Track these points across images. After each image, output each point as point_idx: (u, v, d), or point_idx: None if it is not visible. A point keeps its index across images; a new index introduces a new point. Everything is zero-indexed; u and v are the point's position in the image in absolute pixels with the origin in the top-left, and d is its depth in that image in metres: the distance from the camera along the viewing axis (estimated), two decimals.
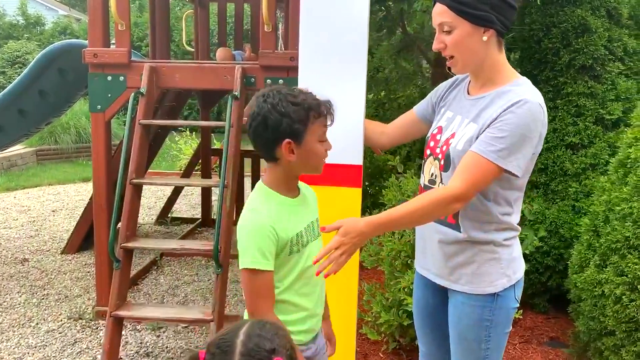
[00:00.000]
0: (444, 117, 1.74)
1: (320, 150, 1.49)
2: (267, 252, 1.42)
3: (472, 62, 1.60)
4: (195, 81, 3.23)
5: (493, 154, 1.50)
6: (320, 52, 2.05)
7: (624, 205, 2.28)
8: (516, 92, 1.54)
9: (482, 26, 1.53)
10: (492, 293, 1.64)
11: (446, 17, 1.54)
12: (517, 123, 1.49)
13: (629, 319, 2.23)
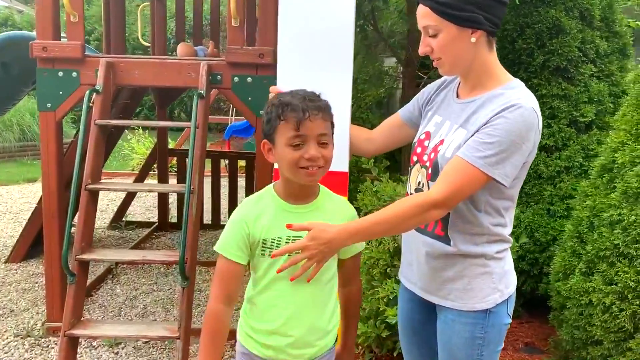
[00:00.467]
0: (432, 121, 1.62)
1: (288, 155, 1.41)
2: (235, 243, 1.46)
3: (460, 65, 1.49)
4: (156, 78, 3.00)
5: (480, 160, 1.39)
6: (300, 51, 1.86)
7: (612, 212, 2.22)
8: (508, 96, 1.42)
9: (469, 27, 1.43)
10: (483, 309, 1.53)
11: (430, 20, 1.44)
12: (507, 129, 1.38)
13: (618, 328, 2.17)
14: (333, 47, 1.85)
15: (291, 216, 1.49)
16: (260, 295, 1.50)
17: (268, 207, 1.50)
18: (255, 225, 1.47)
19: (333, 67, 1.85)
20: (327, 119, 1.46)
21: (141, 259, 2.57)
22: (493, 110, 1.41)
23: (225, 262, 1.48)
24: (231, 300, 1.51)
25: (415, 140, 1.65)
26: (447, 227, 1.51)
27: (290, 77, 1.84)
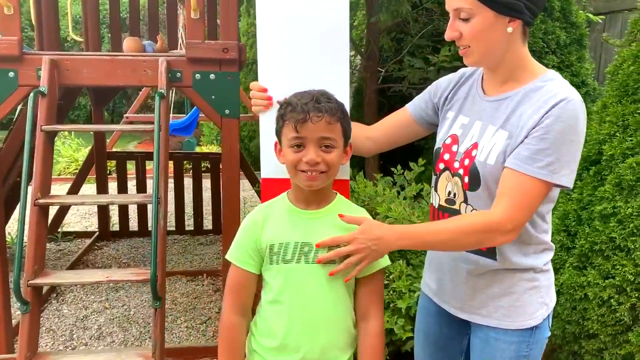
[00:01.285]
0: (457, 123, 1.47)
1: (289, 156, 1.35)
2: (245, 250, 1.42)
3: (491, 56, 1.35)
4: (108, 77, 2.70)
5: (542, 170, 1.26)
6: (284, 43, 1.60)
7: (606, 205, 2.20)
8: (550, 90, 1.29)
9: (508, 15, 1.28)
10: (531, 327, 1.42)
11: (464, 2, 1.28)
12: (561, 129, 1.25)
13: (616, 321, 2.16)
14: (325, 34, 1.59)
15: (299, 221, 1.42)
16: (269, 307, 1.43)
17: (278, 212, 1.45)
18: (263, 230, 1.42)
19: (326, 61, 1.61)
20: (334, 122, 1.35)
21: (106, 280, 2.29)
22: (539, 108, 1.28)
23: (236, 270, 1.43)
24: (246, 310, 1.45)
25: (439, 145, 1.50)
26: None
27: (274, 71, 1.61)
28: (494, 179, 1.32)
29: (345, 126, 1.40)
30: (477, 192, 1.37)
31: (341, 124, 1.38)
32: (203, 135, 10.19)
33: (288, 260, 1.39)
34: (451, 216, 1.44)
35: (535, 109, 1.29)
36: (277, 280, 1.40)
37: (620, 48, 3.93)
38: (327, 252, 1.37)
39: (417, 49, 3.87)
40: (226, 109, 2.78)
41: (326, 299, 1.39)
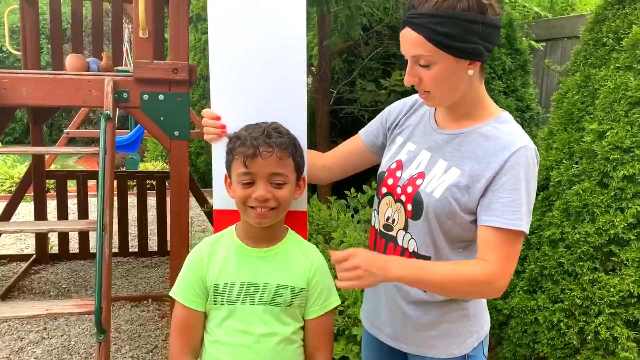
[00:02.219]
0: (405, 149, 1.45)
1: (238, 192, 1.31)
2: (191, 287, 1.37)
3: (452, 98, 1.33)
4: (49, 97, 2.57)
5: (523, 222, 1.26)
6: (239, 58, 1.51)
7: (554, 230, 2.26)
8: (507, 135, 1.29)
9: (468, 59, 1.26)
10: (462, 355, 1.42)
11: (424, 50, 1.24)
12: (525, 177, 1.26)
13: (565, 345, 2.21)
14: (281, 59, 1.52)
15: (247, 260, 1.37)
16: (212, 347, 1.37)
17: (224, 249, 1.40)
18: (208, 268, 1.37)
19: (282, 88, 1.53)
20: (285, 157, 1.32)
21: (46, 313, 2.15)
22: (497, 153, 1.27)
23: (183, 310, 1.37)
24: (195, 350, 1.40)
25: (383, 169, 1.47)
26: None
27: (227, 98, 1.55)
28: (435, 213, 1.31)
29: (297, 160, 1.37)
30: (418, 222, 1.35)
31: (293, 159, 1.35)
32: (147, 151, 9.93)
33: (233, 301, 1.34)
34: (388, 243, 1.44)
35: (492, 153, 1.28)
36: (220, 321, 1.36)
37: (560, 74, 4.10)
38: (272, 294, 1.34)
39: (368, 71, 3.90)
40: (175, 130, 2.69)
41: (272, 341, 1.35)
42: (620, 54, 2.29)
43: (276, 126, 1.37)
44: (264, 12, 1.52)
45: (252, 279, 1.35)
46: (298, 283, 1.37)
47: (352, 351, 2.36)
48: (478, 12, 1.22)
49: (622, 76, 2.21)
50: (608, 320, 2.09)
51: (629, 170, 2.09)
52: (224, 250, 1.39)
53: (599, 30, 2.47)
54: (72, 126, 6.94)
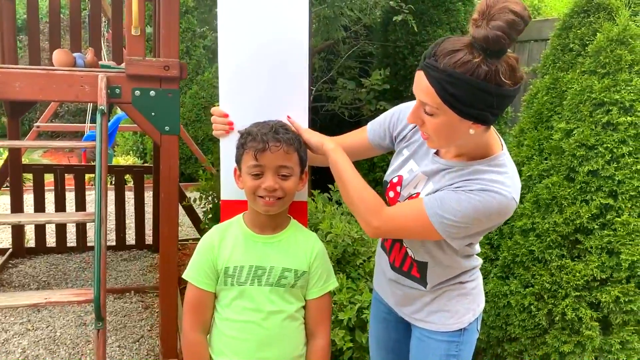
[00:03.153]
0: (407, 166, 1.55)
1: (248, 182, 1.45)
2: (203, 270, 1.49)
3: (450, 145, 1.40)
4: (42, 92, 2.61)
5: (437, 217, 1.36)
6: (246, 60, 1.65)
7: (525, 220, 2.45)
8: (491, 178, 1.32)
9: (472, 121, 1.27)
10: (459, 328, 1.59)
11: (431, 101, 1.26)
12: (483, 212, 1.30)
13: (535, 326, 2.40)
14: (285, 62, 1.66)
15: (255, 245, 1.50)
16: (223, 324, 1.50)
17: (234, 235, 1.52)
18: (220, 251, 1.49)
19: (285, 87, 1.67)
20: (291, 151, 1.46)
21: (45, 302, 2.22)
22: (474, 182, 1.33)
23: (195, 290, 1.50)
24: (205, 327, 1.53)
25: (387, 179, 1.61)
26: (426, 273, 1.55)
27: (235, 97, 1.68)
28: None
29: (301, 155, 1.50)
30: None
31: (298, 153, 1.48)
32: (117, 145, 9.86)
33: (242, 282, 1.48)
34: (394, 243, 1.59)
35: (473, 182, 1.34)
36: (230, 300, 1.49)
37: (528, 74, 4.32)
38: (277, 276, 1.48)
39: (346, 69, 4.04)
40: (166, 125, 2.77)
41: (278, 318, 1.48)
42: (586, 59, 2.49)
43: (282, 124, 1.52)
44: (269, 17, 1.65)
45: (260, 262, 1.48)
46: (301, 266, 1.51)
47: (338, 335, 2.50)
48: (495, 84, 1.20)
49: (587, 79, 2.41)
50: (574, 302, 2.30)
51: (593, 165, 2.29)
52: (233, 237, 1.52)
53: (566, 37, 2.67)
54: (42, 119, 6.88)
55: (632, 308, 2.21)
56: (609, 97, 2.31)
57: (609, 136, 2.29)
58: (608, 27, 2.39)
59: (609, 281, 2.28)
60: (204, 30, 4.78)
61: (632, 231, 2.23)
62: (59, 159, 10.11)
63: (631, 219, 2.23)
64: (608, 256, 2.27)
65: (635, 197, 2.25)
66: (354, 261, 2.70)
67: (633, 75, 2.32)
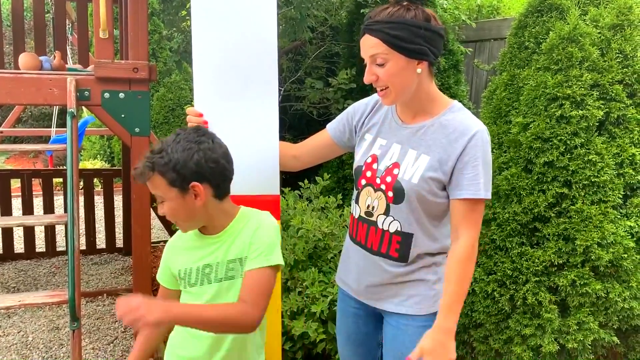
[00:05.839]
0: (376, 144, 1.68)
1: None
2: (164, 270, 1.61)
3: (406, 93, 1.57)
4: (10, 96, 2.61)
5: (482, 191, 1.53)
6: (219, 61, 1.74)
7: (487, 211, 2.56)
8: (462, 122, 1.55)
9: (416, 59, 1.51)
10: (434, 312, 1.65)
11: (379, 49, 1.49)
12: (482, 155, 1.53)
13: (498, 311, 2.52)
14: (255, 63, 1.76)
15: (201, 246, 1.55)
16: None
17: (186, 239, 1.59)
18: (172, 256, 1.61)
19: (256, 87, 1.77)
20: (155, 179, 1.42)
21: (19, 304, 2.23)
22: (457, 138, 1.52)
23: (161, 287, 1.64)
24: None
25: (360, 163, 1.70)
26: (409, 247, 1.61)
27: (208, 92, 1.76)
28: (416, 195, 1.56)
29: (170, 176, 1.40)
30: (400, 205, 1.59)
31: (162, 175, 1.40)
32: (84, 149, 9.73)
33: (193, 284, 1.54)
34: (369, 227, 1.66)
35: (454, 139, 1.53)
36: (187, 301, 1.56)
37: (488, 72, 4.47)
38: (224, 270, 1.51)
39: (314, 69, 4.12)
40: (136, 127, 2.80)
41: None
42: (540, 56, 2.63)
43: (163, 147, 1.44)
44: (240, 19, 1.74)
45: (206, 261, 1.53)
46: (243, 252, 1.50)
47: (311, 327, 2.57)
48: (423, 20, 1.49)
49: (542, 76, 2.54)
50: (534, 287, 2.42)
51: (549, 157, 2.42)
52: (185, 240, 1.60)
53: (522, 35, 2.80)
54: (6, 124, 6.77)
55: (587, 291, 2.35)
56: (561, 92, 2.44)
57: (563, 129, 2.42)
58: (560, 26, 2.53)
59: (566, 266, 2.41)
60: (171, 33, 4.79)
61: (585, 218, 2.36)
62: (23, 164, 9.92)
63: (585, 206, 2.37)
64: (564, 242, 2.40)
65: (588, 186, 2.39)
66: (325, 255, 2.77)
67: (583, 71, 2.46)
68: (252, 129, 1.80)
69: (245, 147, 1.79)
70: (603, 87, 2.47)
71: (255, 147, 1.81)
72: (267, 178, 1.85)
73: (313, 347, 2.69)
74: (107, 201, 4.92)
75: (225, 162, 1.48)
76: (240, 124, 1.77)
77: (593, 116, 2.41)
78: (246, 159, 1.79)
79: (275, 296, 1.87)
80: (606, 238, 2.34)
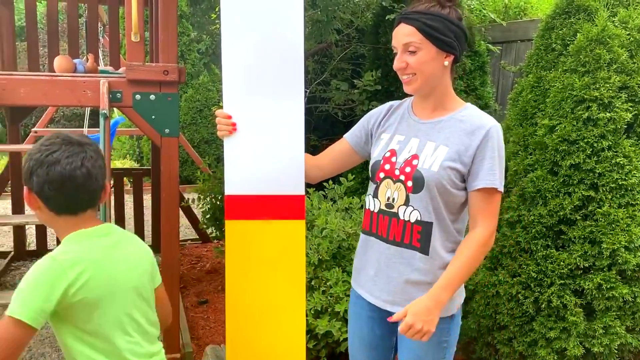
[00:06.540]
0: (394, 140, 1.73)
1: None
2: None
3: (430, 84, 1.65)
4: (46, 97, 2.71)
5: (498, 182, 1.59)
6: (247, 65, 1.80)
7: (512, 213, 2.56)
8: (477, 118, 1.63)
9: (445, 51, 1.60)
10: (450, 315, 1.69)
11: (414, 38, 1.59)
12: (497, 148, 1.60)
13: (522, 313, 2.52)
14: (282, 66, 1.81)
15: None
16: None
17: None
18: None
19: (283, 89, 1.82)
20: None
21: None
22: (473, 132, 1.60)
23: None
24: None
25: (379, 158, 1.73)
26: (429, 237, 1.63)
27: (237, 94, 1.81)
28: (435, 183, 1.60)
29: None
30: (420, 194, 1.63)
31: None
32: (114, 149, 9.94)
33: None
34: (391, 219, 1.69)
35: (471, 131, 1.60)
36: None
37: (515, 73, 4.44)
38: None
39: (339, 71, 4.15)
40: (166, 128, 2.88)
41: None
42: (567, 58, 2.61)
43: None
44: (268, 22, 1.79)
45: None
46: None
47: (335, 326, 2.61)
48: (455, 18, 1.61)
49: (569, 78, 2.53)
50: (559, 290, 2.41)
51: (575, 159, 2.41)
52: None
53: (548, 37, 2.79)
54: (39, 125, 6.97)
55: (613, 294, 2.33)
56: (589, 94, 2.42)
57: (590, 131, 2.41)
58: (588, 27, 2.52)
59: (592, 269, 2.39)
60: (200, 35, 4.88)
61: (612, 221, 2.35)
62: None
63: (611, 209, 2.35)
64: (590, 245, 2.38)
65: (615, 189, 2.37)
66: (349, 255, 2.80)
67: (611, 73, 2.44)
68: (278, 130, 1.85)
69: (271, 148, 1.84)
70: (632, 89, 2.45)
71: (281, 148, 1.85)
72: (293, 177, 1.89)
73: (336, 346, 2.72)
74: (136, 200, 5.03)
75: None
76: (267, 125, 1.82)
77: (621, 118, 2.40)
78: (272, 159, 1.84)
79: (299, 295, 1.92)
80: (634, 242, 2.32)
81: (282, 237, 1.89)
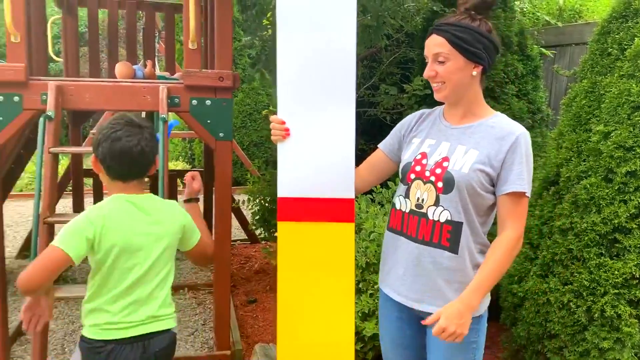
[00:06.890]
0: (425, 144, 1.79)
1: None
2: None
3: (458, 92, 1.71)
4: (108, 102, 2.87)
5: (526, 186, 1.64)
6: (301, 72, 1.86)
7: (564, 220, 2.53)
8: (507, 125, 1.70)
9: (474, 62, 1.67)
10: (478, 315, 1.71)
11: (443, 49, 1.67)
12: (525, 155, 1.65)
13: (574, 322, 2.47)
14: (335, 73, 1.86)
15: None
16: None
17: None
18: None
19: (335, 96, 1.87)
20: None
21: None
22: (503, 138, 1.65)
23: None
24: None
25: (410, 160, 1.79)
26: (459, 237, 1.67)
27: (291, 99, 1.87)
28: (466, 184, 1.65)
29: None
30: (450, 195, 1.67)
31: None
32: None
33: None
34: (420, 219, 1.73)
35: (501, 137, 1.65)
36: None
37: (569, 78, 4.35)
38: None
39: (388, 75, 4.18)
40: (220, 132, 2.98)
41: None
42: (624, 63, 2.56)
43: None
44: (321, 29, 1.84)
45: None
46: None
47: None
48: (485, 31, 1.68)
49: (626, 83, 2.47)
50: (613, 299, 2.36)
51: (631, 166, 2.36)
52: None
53: (604, 41, 2.74)
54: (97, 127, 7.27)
55: None
56: None
57: None
58: None
59: None
60: (251, 40, 4.99)
61: None
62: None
63: None
64: None
65: None
66: None
67: None
68: (329, 135, 1.90)
69: (322, 152, 1.89)
70: None
71: (332, 152, 1.90)
72: (343, 181, 1.93)
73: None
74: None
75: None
76: (319, 130, 1.87)
77: None
78: (323, 162, 1.89)
79: (347, 297, 1.95)
80: None
81: (332, 239, 1.93)
